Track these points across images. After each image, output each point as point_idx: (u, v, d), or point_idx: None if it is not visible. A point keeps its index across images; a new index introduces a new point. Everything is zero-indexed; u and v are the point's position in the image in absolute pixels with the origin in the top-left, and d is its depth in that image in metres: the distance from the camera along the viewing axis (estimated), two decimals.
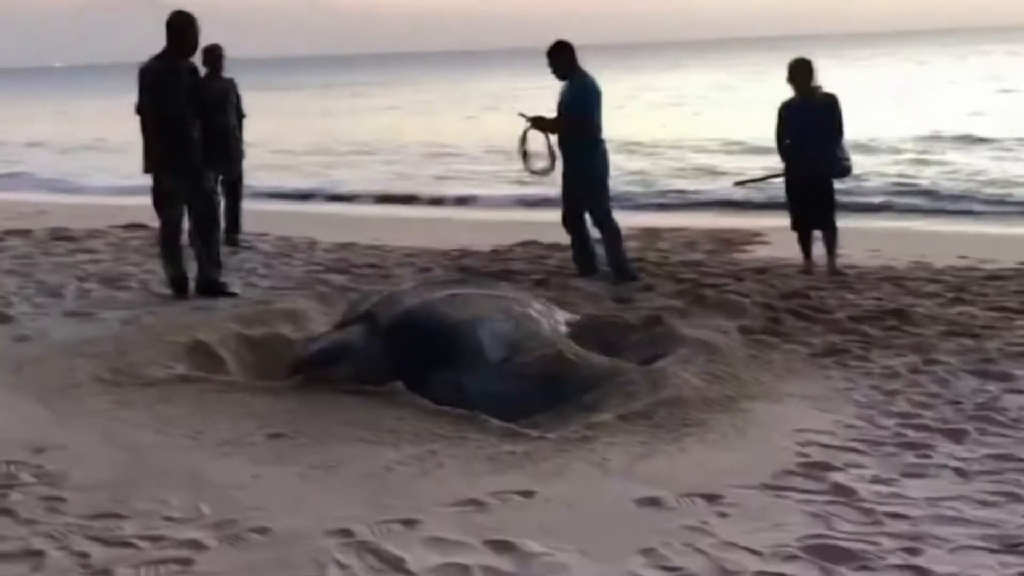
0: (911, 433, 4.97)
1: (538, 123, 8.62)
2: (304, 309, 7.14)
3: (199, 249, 7.65)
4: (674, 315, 6.84)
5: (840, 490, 4.28)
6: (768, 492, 4.27)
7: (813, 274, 8.83)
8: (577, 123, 8.40)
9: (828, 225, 8.90)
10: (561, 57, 8.54)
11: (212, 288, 7.65)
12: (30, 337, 6.45)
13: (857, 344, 6.49)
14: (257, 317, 6.86)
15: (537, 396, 5.48)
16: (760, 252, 10.45)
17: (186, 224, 7.74)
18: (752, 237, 11.40)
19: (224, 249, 9.82)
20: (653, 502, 4.14)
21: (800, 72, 8.89)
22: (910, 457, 4.67)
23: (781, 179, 9.11)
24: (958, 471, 4.50)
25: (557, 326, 6.26)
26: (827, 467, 4.52)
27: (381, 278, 8.59)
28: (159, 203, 7.56)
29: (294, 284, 8.25)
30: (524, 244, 10.74)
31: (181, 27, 7.45)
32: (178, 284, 7.61)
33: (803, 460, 4.60)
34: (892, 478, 4.42)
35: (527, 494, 4.20)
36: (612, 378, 5.60)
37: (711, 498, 4.18)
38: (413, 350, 5.56)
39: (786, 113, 8.96)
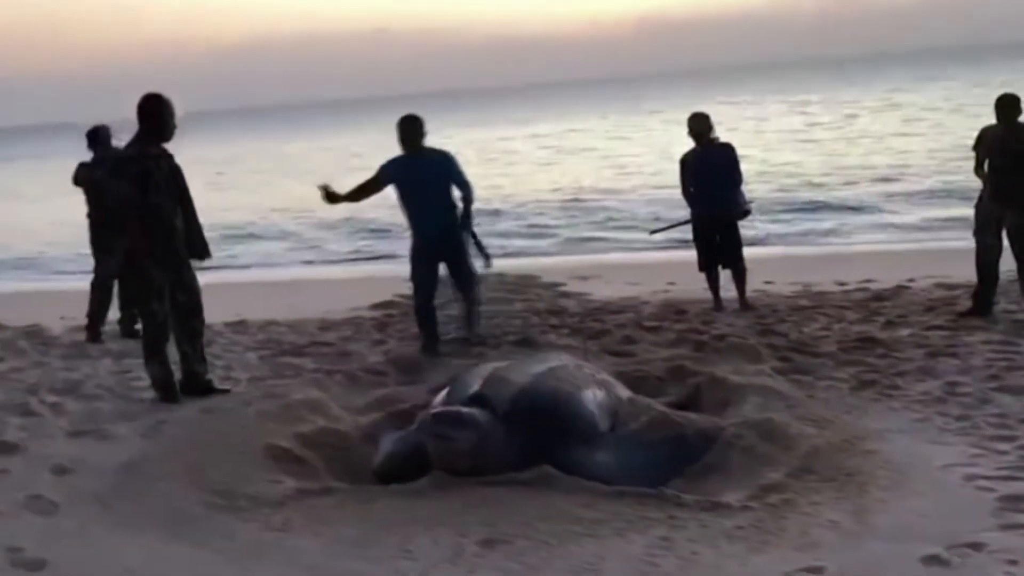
0: None
1: (333, 197, 7.75)
2: (318, 399, 6.41)
3: (184, 345, 6.70)
4: (695, 363, 6.70)
5: None
6: (1015, 533, 4.18)
7: (724, 310, 8.97)
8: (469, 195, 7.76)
9: (737, 264, 9.06)
10: (421, 130, 7.74)
11: (201, 386, 6.72)
12: (70, 468, 5.36)
13: (874, 374, 6.58)
14: (284, 414, 6.06)
15: (665, 462, 5.16)
16: (603, 292, 10.59)
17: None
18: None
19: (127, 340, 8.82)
20: (936, 560, 3.92)
21: (699, 125, 9.05)
22: None
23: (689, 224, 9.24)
24: None
25: (622, 388, 5.96)
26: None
27: (341, 355, 7.89)
28: (144, 299, 6.59)
29: (271, 372, 7.38)
30: (384, 304, 10.35)
31: (158, 112, 6.54)
32: (167, 386, 6.63)
33: (994, 496, 4.55)
34: None
35: (816, 571, 3.88)
36: (717, 434, 5.37)
37: (976, 546, 4.03)
38: (540, 430, 5.08)
39: (688, 162, 9.09)
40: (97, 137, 8.97)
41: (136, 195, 6.39)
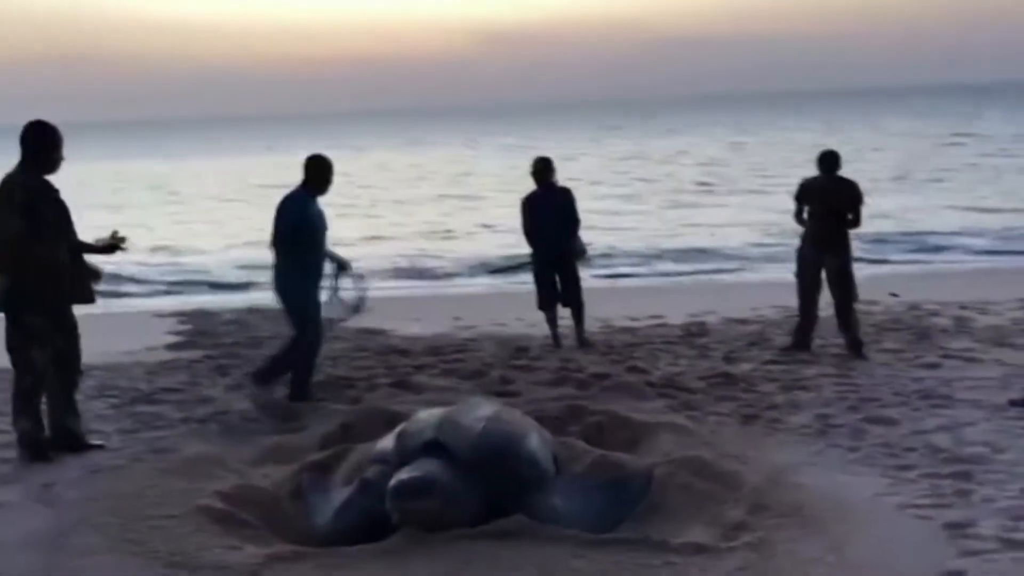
0: (960, 483, 5.23)
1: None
2: (213, 452, 5.90)
3: (57, 395, 5.91)
4: (589, 402, 6.63)
5: None
6: (981, 559, 4.31)
7: (562, 347, 9.00)
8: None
9: (576, 301, 9.12)
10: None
11: (74, 441, 5.95)
12: None
13: (750, 408, 6.76)
14: (187, 470, 5.50)
15: (614, 504, 5.05)
16: (404, 329, 10.42)
17: None
18: None
19: None
20: None
21: (541, 168, 9.08)
22: (1005, 501, 4.96)
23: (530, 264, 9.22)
24: None
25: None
26: (972, 523, 4.68)
27: (201, 402, 7.24)
28: (23, 346, 5.74)
29: (136, 424, 6.63)
30: (185, 344, 9.85)
31: (44, 141, 5.77)
32: (37, 444, 5.80)
33: (937, 524, 4.70)
34: None
35: None
36: (650, 474, 5.30)
37: (961, 575, 4.21)
38: (499, 476, 4.82)
39: (530, 204, 9.09)
40: None
41: (21, 228, 5.60)
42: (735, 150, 47.32)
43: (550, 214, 8.94)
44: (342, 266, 7.32)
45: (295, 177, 7.10)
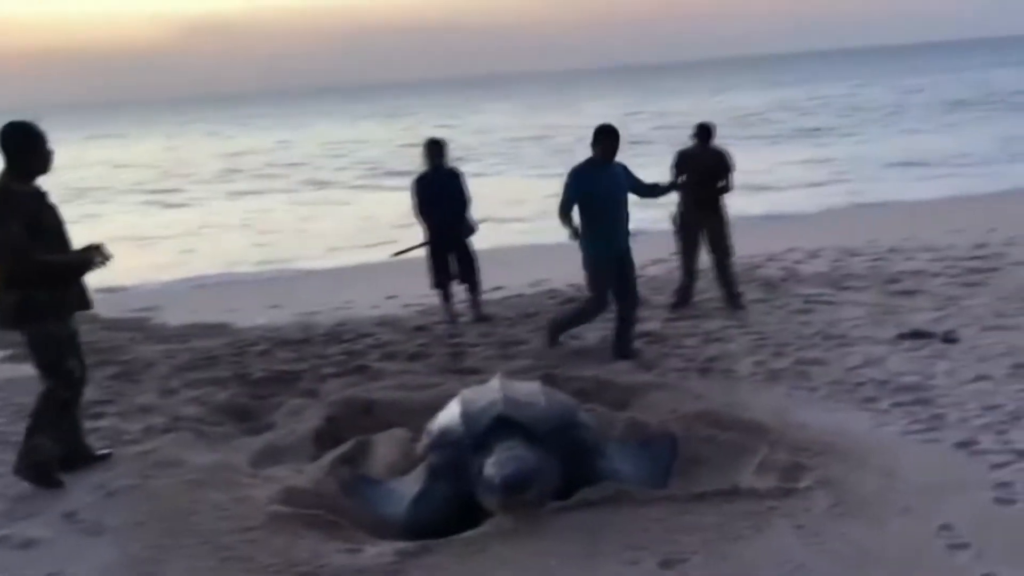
0: (929, 409, 5.64)
1: None
2: (218, 461, 5.36)
3: (76, 411, 5.24)
4: (563, 370, 6.59)
5: None
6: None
7: (459, 322, 8.85)
8: None
9: (473, 277, 8.99)
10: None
11: (88, 457, 5.31)
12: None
13: (691, 362, 6.92)
14: (208, 480, 4.99)
15: (657, 463, 5.10)
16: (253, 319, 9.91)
17: None
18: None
19: None
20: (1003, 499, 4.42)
21: (433, 150, 8.85)
22: (978, 419, 5.40)
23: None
24: None
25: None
26: (974, 441, 5.09)
27: (143, 411, 6.51)
28: (57, 358, 5.08)
29: (102, 439, 5.81)
30: None
31: (31, 139, 4.99)
32: (50, 469, 5.04)
33: (956, 441, 5.09)
34: None
35: (948, 527, 4.15)
36: (669, 431, 5.34)
37: (1006, 484, 4.58)
38: (568, 447, 4.71)
39: (421, 185, 8.85)
40: None
41: (26, 238, 4.86)
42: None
43: (441, 195, 8.75)
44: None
45: None
